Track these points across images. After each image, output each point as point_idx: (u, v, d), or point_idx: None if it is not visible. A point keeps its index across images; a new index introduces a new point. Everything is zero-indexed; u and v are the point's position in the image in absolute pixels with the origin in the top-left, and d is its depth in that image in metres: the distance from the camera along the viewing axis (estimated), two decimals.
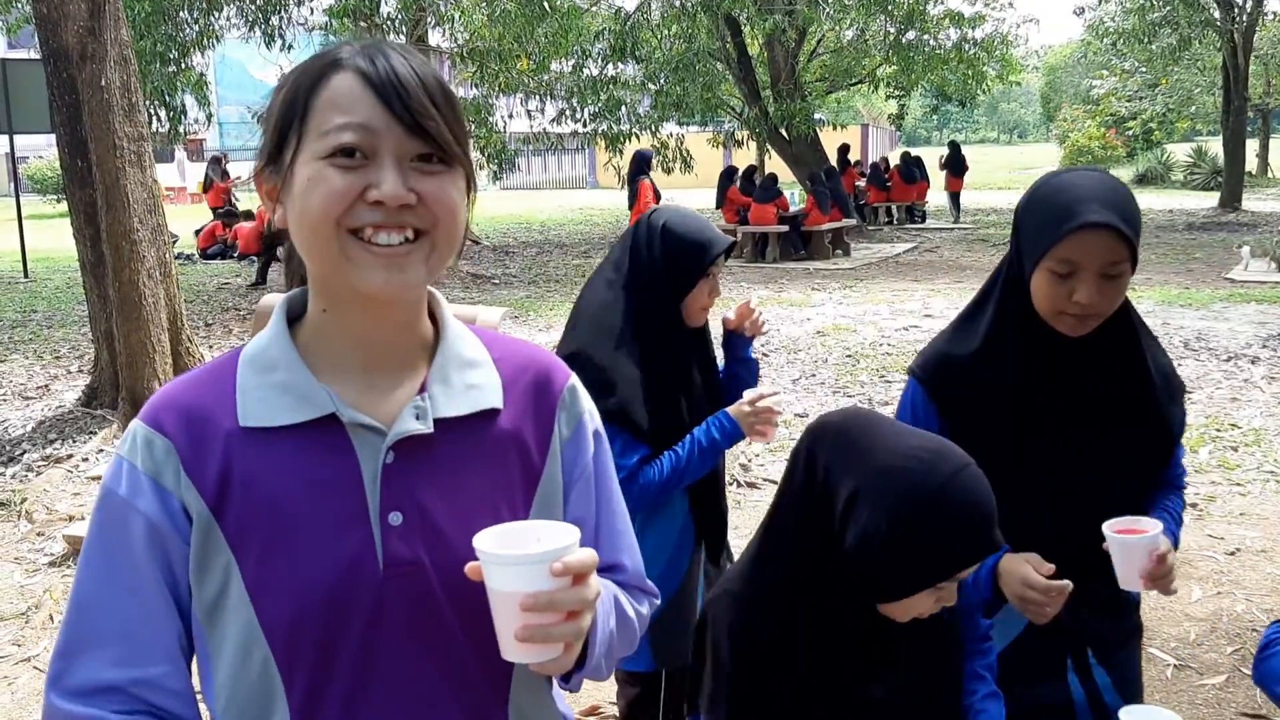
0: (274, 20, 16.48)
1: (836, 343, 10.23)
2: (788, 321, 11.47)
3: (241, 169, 18.80)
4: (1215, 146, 31.41)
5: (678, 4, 20.16)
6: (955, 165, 23.21)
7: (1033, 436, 2.01)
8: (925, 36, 22.26)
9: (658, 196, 12.82)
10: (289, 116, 1.16)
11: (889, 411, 1.83)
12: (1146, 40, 26.66)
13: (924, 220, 23.58)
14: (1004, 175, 45.95)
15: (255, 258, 19.37)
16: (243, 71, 43.34)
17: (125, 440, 1.21)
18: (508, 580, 1.10)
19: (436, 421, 1.22)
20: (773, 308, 12.51)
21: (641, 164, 13.01)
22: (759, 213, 17.18)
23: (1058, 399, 1.99)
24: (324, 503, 1.18)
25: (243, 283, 15.59)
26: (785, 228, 17.20)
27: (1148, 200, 22.41)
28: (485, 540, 1.13)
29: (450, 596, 1.20)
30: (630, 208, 13.00)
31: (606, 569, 1.37)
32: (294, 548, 1.17)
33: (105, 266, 7.05)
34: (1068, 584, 1.89)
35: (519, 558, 1.10)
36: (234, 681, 1.19)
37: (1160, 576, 1.93)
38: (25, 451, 6.95)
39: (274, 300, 4.87)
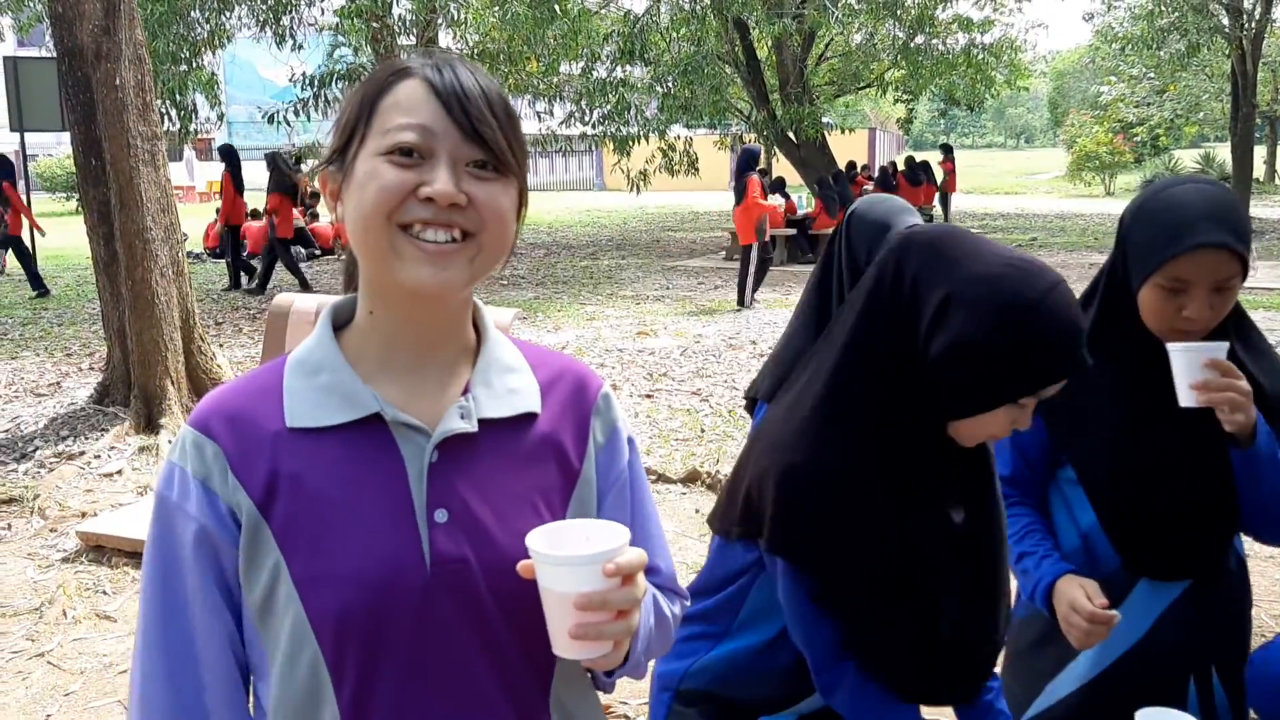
0: (285, 20, 16.49)
1: None
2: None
3: (252, 169, 18.77)
4: (1222, 153, 31.38)
5: (687, 7, 20.17)
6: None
7: (1142, 443, 2.01)
8: (934, 41, 22.27)
9: (765, 193, 12.74)
10: (356, 117, 1.21)
11: None
12: (1155, 46, 26.62)
13: (931, 222, 23.46)
14: (1011, 180, 46.00)
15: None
16: (252, 72, 43.42)
17: (175, 446, 1.24)
18: (562, 580, 1.13)
19: (480, 422, 1.25)
20: (779, 310, 12.52)
21: (750, 159, 12.92)
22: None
23: (1166, 403, 1.94)
24: (370, 500, 1.21)
25: (245, 284, 15.62)
26: (793, 230, 17.21)
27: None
28: (538, 539, 1.15)
29: (495, 594, 1.23)
30: (736, 204, 12.88)
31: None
32: (341, 545, 1.20)
33: (118, 264, 7.08)
34: (1115, 615, 1.88)
35: (574, 558, 1.12)
36: (284, 680, 1.22)
37: (1219, 389, 1.85)
38: (38, 448, 6.99)
39: (288, 300, 4.84)
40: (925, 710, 1.75)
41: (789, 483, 1.64)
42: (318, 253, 19.62)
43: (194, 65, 16.70)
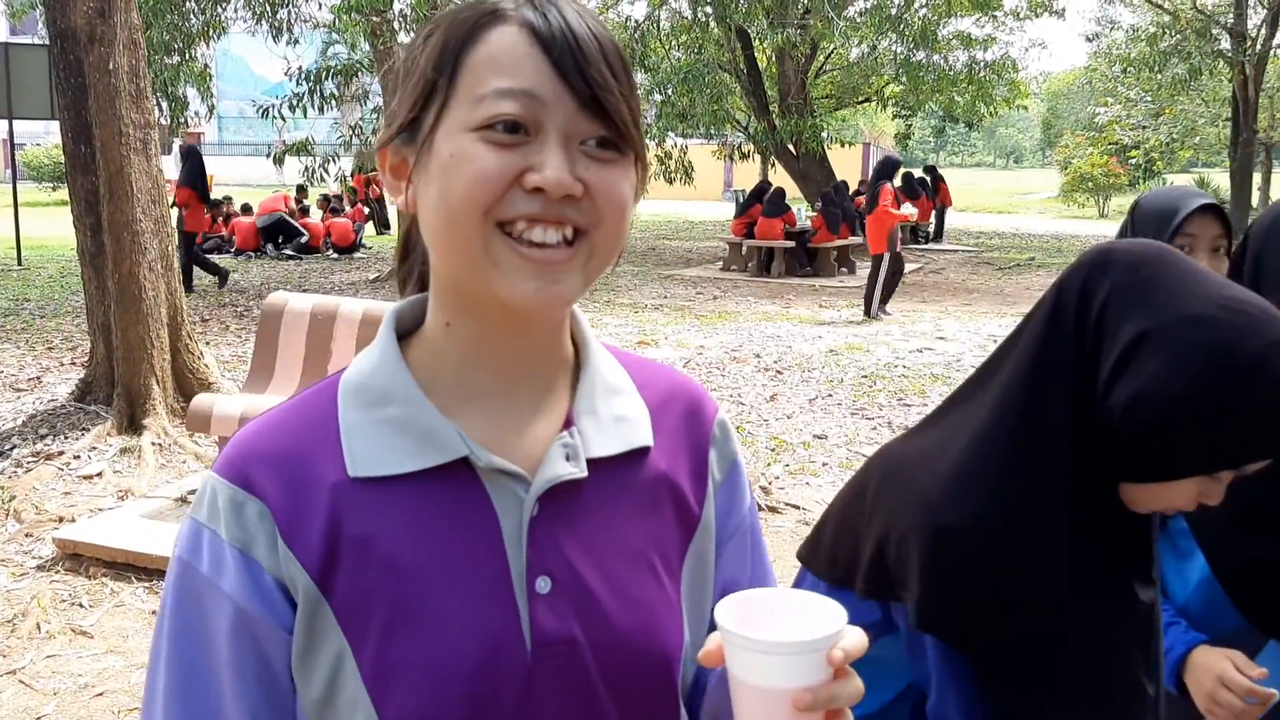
0: (281, 14, 16.22)
1: (850, 362, 10.01)
2: (799, 339, 11.26)
3: (235, 165, 18.55)
4: (1216, 178, 31.41)
5: (688, 15, 19.99)
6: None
7: (1261, 485, 1.76)
8: (935, 57, 22.18)
9: (897, 203, 12.51)
10: (435, 74, 0.93)
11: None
12: (1156, 69, 26.60)
13: (927, 241, 23.53)
14: (1003, 199, 46.05)
15: (253, 253, 19.21)
16: (245, 67, 43.23)
17: (201, 502, 0.97)
18: (774, 672, 0.87)
19: (587, 463, 1.00)
20: (783, 324, 12.30)
21: (888, 168, 12.68)
22: (766, 227, 17.00)
23: None
24: (458, 569, 0.95)
25: (239, 278, 15.34)
26: (791, 243, 17.04)
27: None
28: (733, 617, 0.89)
29: (608, 681, 0.97)
30: (868, 212, 12.61)
31: None
32: (424, 628, 0.94)
33: (105, 257, 6.82)
34: (1274, 694, 1.63)
35: (794, 644, 0.86)
36: None
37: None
38: (14, 446, 6.69)
39: (283, 299, 4.57)
40: None
41: (944, 552, 1.35)
42: (303, 239, 19.33)
43: (186, 57, 16.42)
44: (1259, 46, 23.82)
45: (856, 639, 0.88)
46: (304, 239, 19.43)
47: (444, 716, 0.93)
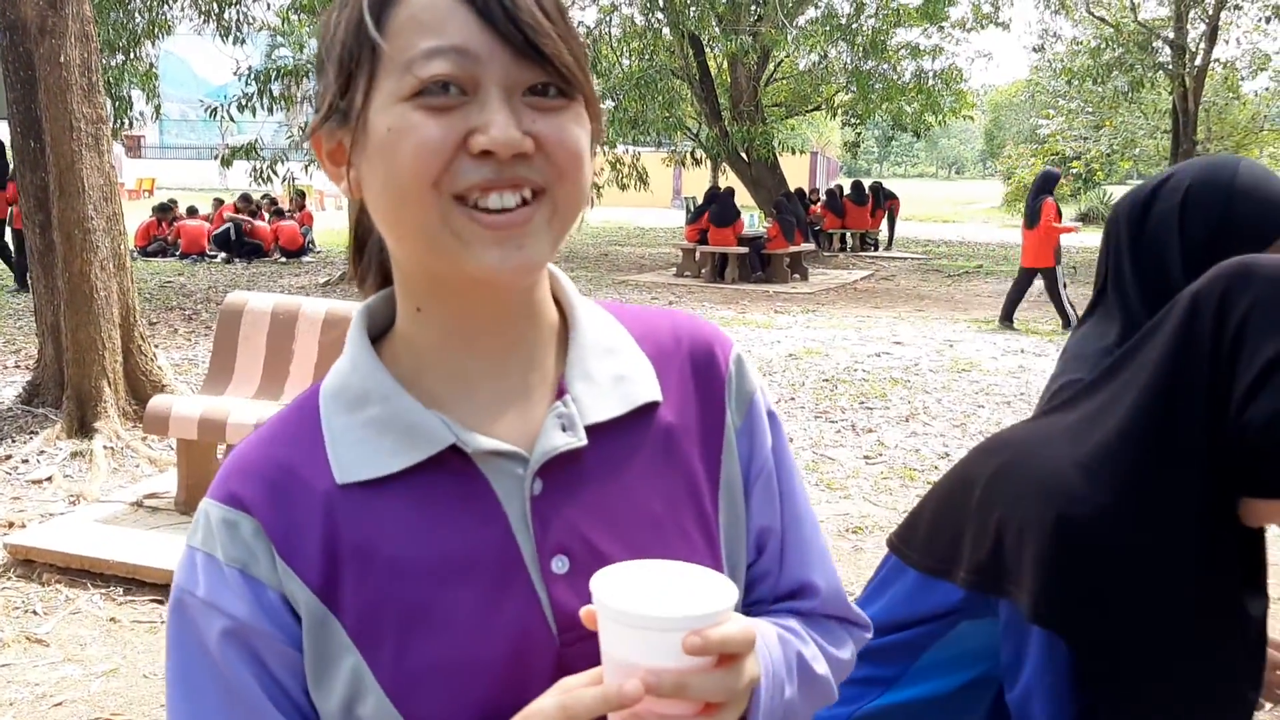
0: (229, 14, 15.96)
1: (810, 366, 10.02)
2: (757, 343, 11.25)
3: (177, 168, 18.26)
4: None
5: (639, 21, 20.00)
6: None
7: None
8: (884, 66, 22.38)
9: (1059, 216, 12.45)
10: (356, 46, 0.86)
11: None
12: (1098, 81, 27.07)
13: (878, 248, 23.77)
14: (948, 209, 46.62)
15: (199, 257, 18.87)
16: (187, 69, 42.51)
17: (195, 528, 0.92)
18: (627, 644, 0.80)
19: (587, 430, 0.94)
20: (739, 328, 12.29)
21: (1048, 183, 12.63)
22: (717, 235, 17.03)
23: None
24: (467, 562, 0.90)
25: (185, 281, 15.04)
26: (745, 249, 17.08)
27: (1090, 239, 22.63)
28: (606, 581, 0.83)
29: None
30: (1029, 226, 12.52)
31: (792, 594, 1.07)
32: (442, 629, 0.89)
33: (55, 255, 6.65)
34: None
35: (644, 617, 0.79)
36: None
37: None
38: None
39: (242, 299, 4.44)
40: None
41: (1068, 544, 1.31)
42: (247, 255, 19.03)
43: (131, 56, 16.10)
44: (1198, 60, 24.34)
45: (731, 630, 0.81)
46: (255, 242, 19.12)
47: (477, 716, 0.88)
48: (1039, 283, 12.62)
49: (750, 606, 1.05)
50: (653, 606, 0.80)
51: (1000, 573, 1.37)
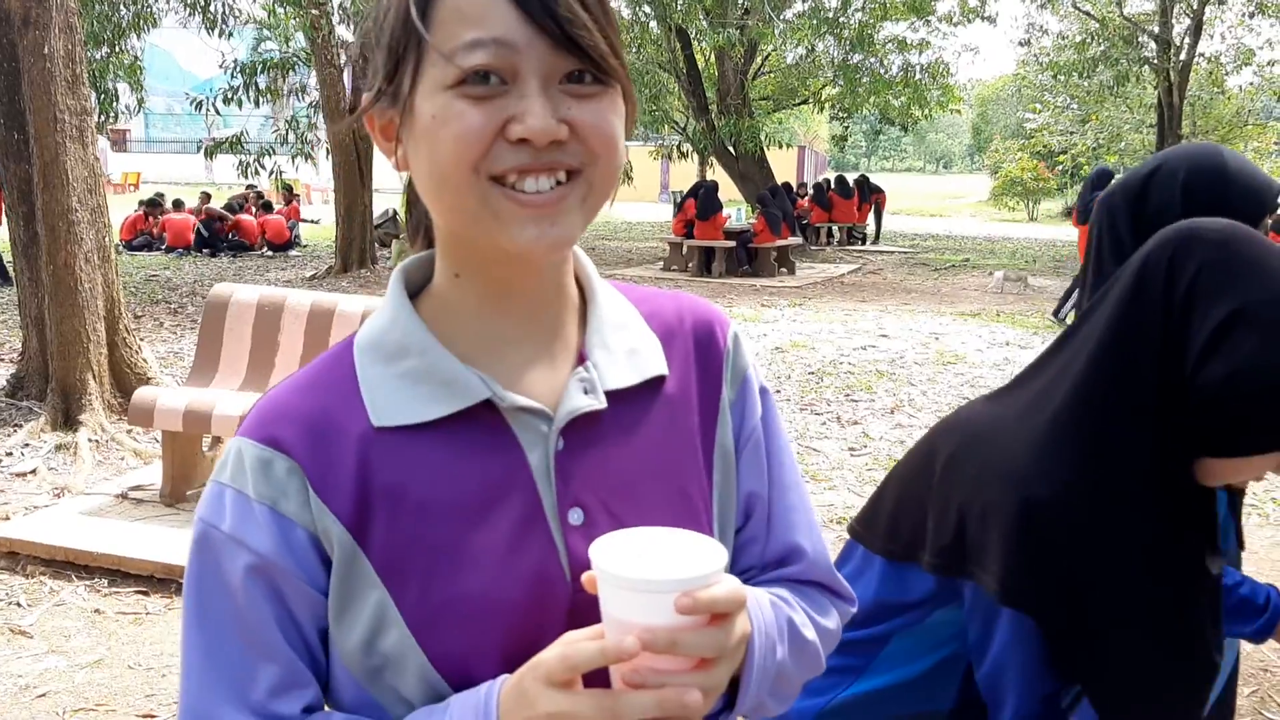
0: (214, 7, 15.89)
1: (797, 359, 10.05)
2: (744, 336, 11.23)
3: (162, 162, 18.18)
4: None
5: (627, 14, 19.99)
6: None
7: None
8: (872, 60, 22.40)
9: None
10: (403, 35, 0.92)
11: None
12: (1084, 75, 27.14)
13: (864, 242, 23.82)
14: (935, 203, 46.73)
15: (185, 250, 18.82)
16: (172, 62, 42.37)
17: (225, 465, 0.97)
18: (623, 605, 0.87)
19: (606, 395, 1.02)
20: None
21: (1100, 179, 12.56)
22: (703, 229, 17.04)
23: None
24: (492, 508, 0.97)
25: (171, 274, 14.99)
26: (732, 243, 17.10)
27: (1074, 233, 22.73)
28: (604, 549, 0.89)
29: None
30: (1082, 222, 12.48)
31: (780, 561, 1.13)
32: (467, 568, 0.95)
33: (39, 247, 6.63)
34: None
35: (638, 580, 0.86)
36: None
37: None
38: None
39: (228, 290, 4.46)
40: None
41: (1032, 524, 1.33)
42: (230, 250, 18.94)
43: (116, 49, 16.03)
44: (1183, 54, 24.41)
45: (721, 591, 0.87)
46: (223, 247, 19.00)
47: (493, 651, 0.94)
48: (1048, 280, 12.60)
49: (741, 575, 1.10)
50: (646, 570, 0.86)
51: (964, 556, 1.39)
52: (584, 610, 0.93)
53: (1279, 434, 1.30)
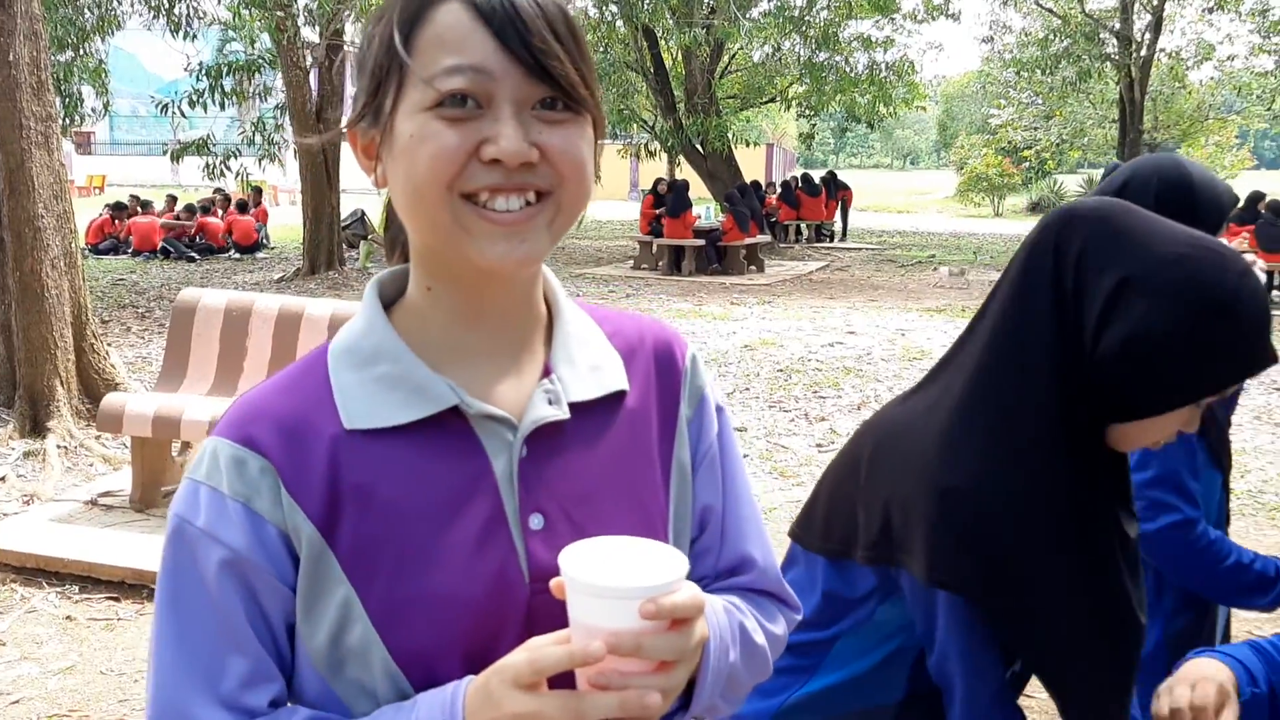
0: (179, 9, 15.79)
1: (765, 357, 10.13)
2: (714, 335, 11.35)
3: (128, 165, 18.02)
4: None
5: (594, 14, 20.01)
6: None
7: None
8: (837, 58, 22.51)
9: None
10: (386, 59, 0.98)
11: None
12: (1047, 72, 27.40)
13: (832, 239, 23.94)
14: (902, 199, 46.96)
15: (151, 254, 18.70)
16: (137, 64, 41.96)
17: (200, 462, 1.02)
18: (591, 611, 0.92)
19: (570, 406, 1.07)
20: (696, 321, 12.39)
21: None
22: (673, 227, 17.10)
23: None
24: (456, 510, 1.01)
25: (138, 278, 14.90)
26: (701, 242, 17.16)
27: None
28: (573, 557, 0.94)
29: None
30: None
31: (731, 570, 1.20)
32: (429, 567, 1.00)
33: (5, 254, 6.59)
34: None
35: (605, 587, 0.91)
36: None
37: None
38: None
39: (195, 295, 4.50)
40: None
41: (952, 508, 1.40)
42: (194, 256, 18.80)
43: (80, 52, 15.91)
44: (1144, 50, 24.71)
45: (683, 597, 0.93)
46: (194, 256, 18.85)
47: (453, 648, 0.99)
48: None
49: (695, 583, 1.15)
50: (613, 578, 0.91)
51: (892, 546, 1.46)
52: (541, 611, 0.99)
53: (1179, 391, 1.38)
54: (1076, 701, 1.47)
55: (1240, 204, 2.13)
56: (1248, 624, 4.21)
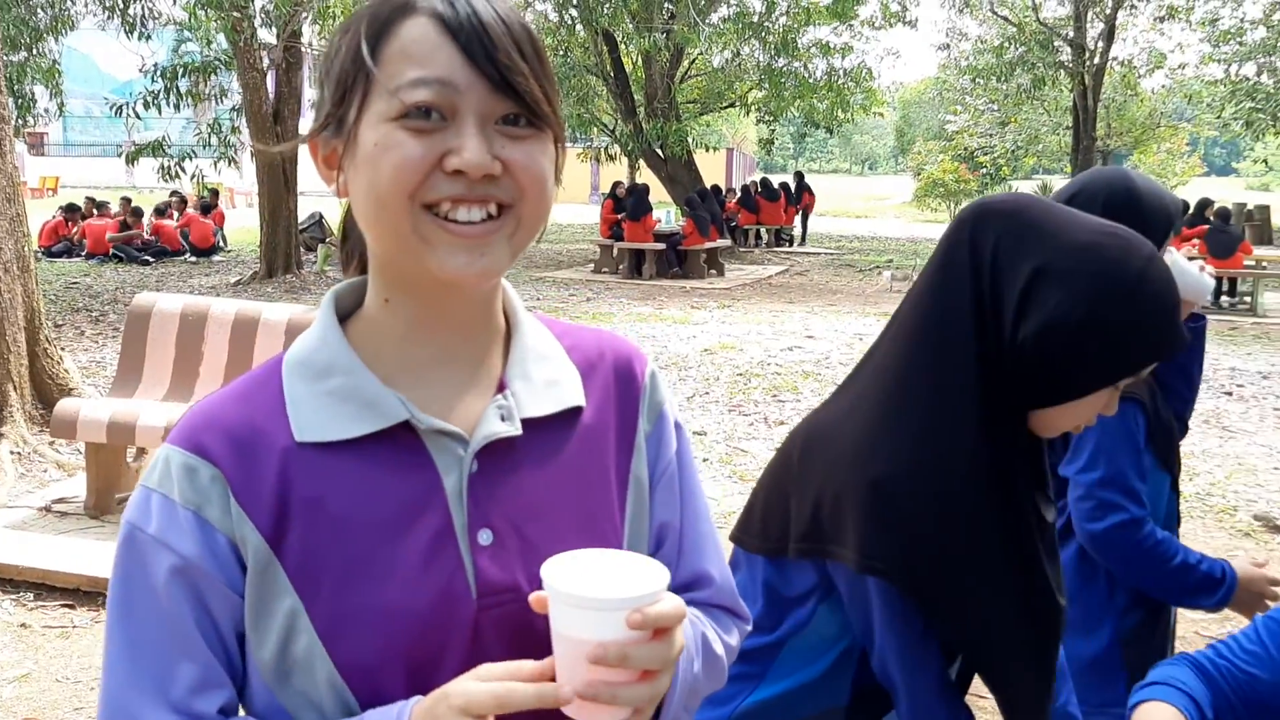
0: (133, 9, 15.62)
1: (725, 361, 10.18)
2: (674, 339, 11.39)
3: (82, 166, 17.81)
4: (1058, 183, 32.75)
5: (554, 18, 20.02)
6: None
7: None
8: (796, 64, 22.66)
9: None
10: (353, 69, 0.99)
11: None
12: (1002, 79, 27.72)
13: (791, 244, 24.10)
14: (860, 204, 47.30)
15: (104, 257, 18.48)
16: (91, 65, 41.42)
17: (153, 470, 1.02)
18: (576, 623, 0.93)
19: (522, 423, 1.06)
20: (656, 324, 12.42)
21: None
22: (633, 231, 17.14)
23: None
24: (404, 525, 1.01)
25: (92, 281, 14.72)
26: (662, 246, 17.21)
27: None
28: (555, 570, 0.95)
29: (549, 624, 1.02)
30: None
31: (688, 586, 1.21)
32: (375, 579, 1.00)
33: None
34: None
35: (592, 599, 0.92)
36: None
37: None
38: None
39: (151, 300, 4.45)
40: None
41: (881, 498, 1.44)
42: (148, 260, 18.59)
43: (33, 52, 15.70)
44: (1097, 59, 25.06)
45: (667, 607, 0.94)
46: (149, 259, 18.65)
47: (396, 664, 0.99)
48: None
49: None
50: (598, 589, 0.92)
51: (823, 538, 1.49)
52: (487, 626, 1.00)
53: (1095, 374, 1.43)
54: (1012, 685, 1.52)
55: (1189, 211, 2.20)
56: (1195, 624, 4.30)
